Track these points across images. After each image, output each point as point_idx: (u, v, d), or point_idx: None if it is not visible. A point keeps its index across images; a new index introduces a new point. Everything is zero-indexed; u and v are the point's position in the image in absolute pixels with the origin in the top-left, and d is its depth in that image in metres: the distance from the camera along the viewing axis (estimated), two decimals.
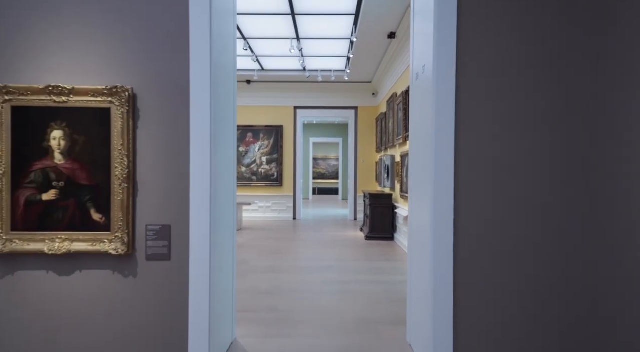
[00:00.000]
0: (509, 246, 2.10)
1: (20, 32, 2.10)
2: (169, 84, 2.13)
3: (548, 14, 2.08)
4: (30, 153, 2.10)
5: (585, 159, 2.07)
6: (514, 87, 2.09)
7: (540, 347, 2.09)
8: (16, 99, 2.06)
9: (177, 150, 2.15)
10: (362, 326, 2.94)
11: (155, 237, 2.15)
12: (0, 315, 2.10)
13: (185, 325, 2.15)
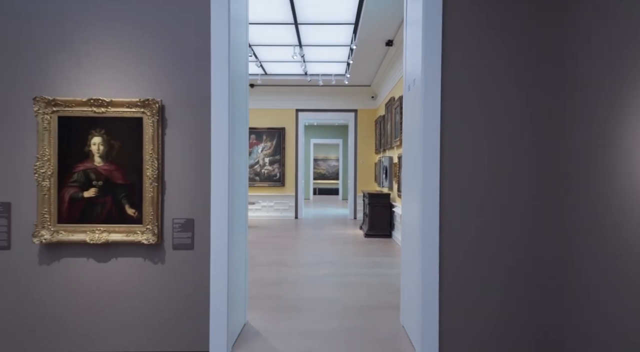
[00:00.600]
0: (487, 240, 2.43)
1: (66, 53, 2.43)
2: (192, 96, 2.47)
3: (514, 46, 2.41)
4: (74, 156, 2.43)
5: (557, 164, 2.40)
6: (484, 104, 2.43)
7: (511, 323, 2.42)
8: (62, 110, 2.40)
9: (199, 154, 2.49)
10: (361, 312, 3.27)
11: (181, 229, 2.49)
12: (48, 294, 2.44)
13: (206, 305, 2.48)
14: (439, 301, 2.45)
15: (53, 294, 2.44)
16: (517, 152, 2.43)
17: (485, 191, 2.44)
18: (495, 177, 2.43)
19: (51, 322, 2.44)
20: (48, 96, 2.39)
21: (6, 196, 2.42)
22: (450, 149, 2.44)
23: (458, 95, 2.43)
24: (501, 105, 2.43)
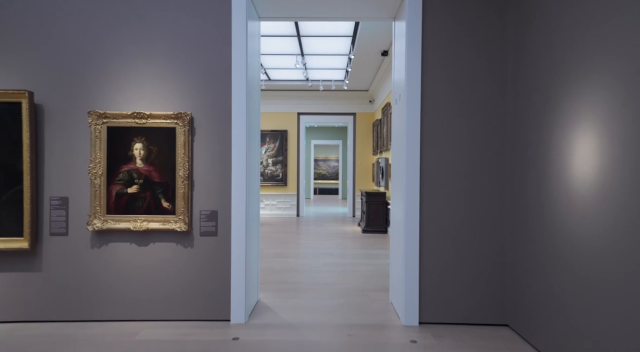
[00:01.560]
0: (454, 227, 2.97)
1: (114, 73, 2.96)
2: (216, 109, 3.00)
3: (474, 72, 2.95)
4: (120, 159, 2.97)
5: (501, 163, 2.94)
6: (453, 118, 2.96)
7: (474, 290, 2.96)
8: (110, 121, 2.93)
9: (221, 157, 3.02)
10: (356, 292, 3.80)
11: (206, 219, 3.02)
12: (100, 272, 2.97)
13: (228, 283, 3.01)
14: (419, 278, 2.99)
15: (104, 272, 2.98)
16: (477, 158, 2.96)
17: (453, 188, 2.97)
18: (460, 177, 2.97)
19: (103, 294, 2.98)
20: (99, 110, 2.93)
21: (65, 192, 2.96)
22: (428, 154, 2.97)
23: (434, 110, 2.97)
24: (466, 121, 2.97)
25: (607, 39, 1.95)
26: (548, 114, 2.47)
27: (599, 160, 2.00)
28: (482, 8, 2.96)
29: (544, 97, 2.52)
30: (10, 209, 2.88)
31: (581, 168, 2.14)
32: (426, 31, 2.97)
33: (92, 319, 2.97)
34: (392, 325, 3.00)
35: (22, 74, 2.92)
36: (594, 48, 2.05)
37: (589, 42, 2.09)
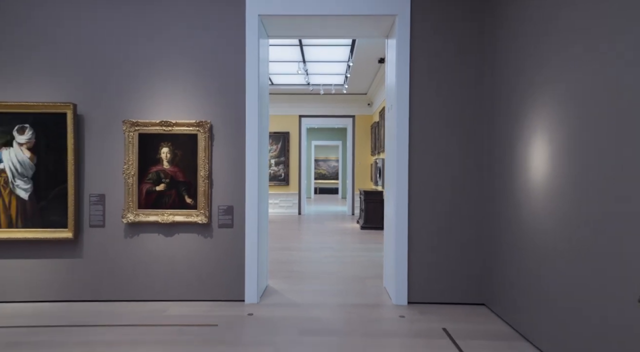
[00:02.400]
0: (438, 222, 3.44)
1: (144, 86, 3.43)
2: (231, 118, 3.47)
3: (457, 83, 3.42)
4: (149, 161, 3.44)
5: (480, 162, 3.41)
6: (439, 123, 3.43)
7: (457, 272, 3.43)
8: (141, 128, 3.41)
9: (236, 159, 3.49)
10: (354, 280, 4.27)
11: (224, 213, 3.49)
12: (133, 259, 3.45)
13: (242, 269, 3.48)
14: (407, 264, 3.46)
15: (135, 259, 3.45)
16: (459, 160, 3.43)
17: (437, 186, 3.44)
18: (444, 178, 3.44)
19: (135, 278, 3.45)
20: (132, 119, 3.40)
21: (102, 190, 3.43)
22: (415, 158, 3.44)
23: (422, 119, 3.44)
24: (448, 129, 3.44)
25: (550, 69, 2.42)
26: (513, 124, 2.94)
27: (548, 167, 2.47)
28: (465, 31, 3.43)
29: (510, 110, 2.99)
30: (57, 204, 3.36)
31: (534, 171, 2.62)
32: (413, 49, 3.44)
33: (126, 299, 3.44)
34: (384, 304, 3.48)
35: (67, 88, 3.39)
36: (542, 77, 2.52)
37: (538, 70, 2.55)
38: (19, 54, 3.38)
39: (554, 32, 2.43)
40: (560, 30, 2.36)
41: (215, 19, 3.45)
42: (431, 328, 2.93)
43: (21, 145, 3.33)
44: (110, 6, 3.42)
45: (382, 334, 2.85)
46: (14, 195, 3.35)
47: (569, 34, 2.27)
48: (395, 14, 3.43)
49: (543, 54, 2.53)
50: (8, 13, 3.37)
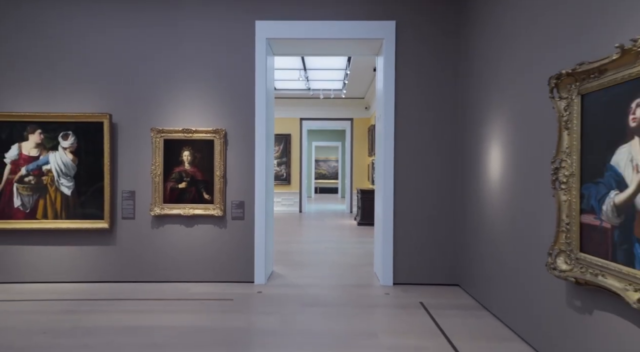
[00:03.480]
0: (419, 216, 4.03)
1: (170, 98, 4.03)
2: (243, 126, 4.06)
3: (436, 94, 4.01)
4: (172, 163, 4.03)
5: (455, 164, 3.99)
6: (420, 131, 4.03)
7: (438, 257, 4.02)
8: (166, 135, 4.00)
9: (247, 161, 4.08)
10: (349, 267, 4.85)
11: (236, 207, 4.08)
12: (159, 246, 4.04)
13: (252, 255, 4.07)
14: (392, 251, 4.05)
15: (161, 246, 4.05)
16: (438, 163, 4.03)
17: (418, 185, 4.04)
18: (425, 179, 4.04)
19: (161, 263, 4.04)
20: (158, 127, 3.99)
21: (132, 187, 4.03)
22: (399, 161, 4.03)
23: (404, 128, 4.03)
24: (427, 136, 4.03)
25: (504, 94, 3.01)
26: (478, 134, 3.53)
27: (499, 168, 3.06)
28: (442, 52, 4.02)
29: (475, 122, 3.58)
30: (94, 199, 3.95)
31: (492, 173, 3.21)
32: (398, 66, 4.02)
33: (153, 280, 4.04)
34: (373, 285, 4.07)
35: (103, 101, 3.99)
36: (498, 100, 3.10)
37: (496, 93, 3.14)
38: (63, 73, 3.97)
39: (504, 65, 3.02)
40: (508, 63, 2.94)
41: (231, 41, 4.04)
42: (410, 302, 3.52)
43: (65, 149, 3.93)
44: (140, 32, 4.01)
45: (369, 305, 3.45)
46: (58, 191, 3.95)
47: (512, 69, 2.86)
48: (382, 37, 4.02)
49: (500, 82, 3.12)
50: (52, 38, 3.96)
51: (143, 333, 2.78)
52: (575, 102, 2.04)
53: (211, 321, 3.04)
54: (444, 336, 2.77)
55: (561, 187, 2.13)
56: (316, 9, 4.02)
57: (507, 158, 2.96)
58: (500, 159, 3.08)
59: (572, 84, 2.05)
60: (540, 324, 2.47)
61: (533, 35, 2.61)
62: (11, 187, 3.92)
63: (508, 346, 2.62)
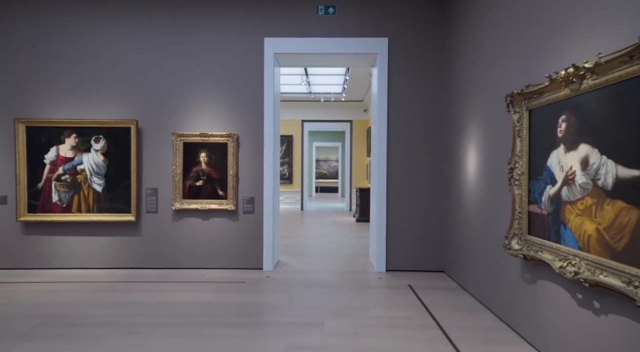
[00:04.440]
0: (409, 212, 4.56)
1: (188, 106, 4.56)
2: (253, 130, 4.59)
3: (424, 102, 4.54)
4: (191, 163, 4.56)
5: (440, 163, 4.52)
6: (410, 135, 4.55)
7: (418, 245, 4.55)
8: (185, 138, 4.53)
9: (257, 162, 4.61)
10: (347, 257, 5.38)
11: (247, 202, 4.61)
12: (179, 237, 4.57)
13: (261, 245, 4.60)
14: (385, 242, 4.58)
15: (180, 237, 4.58)
16: (425, 164, 4.55)
17: (408, 184, 4.56)
18: (414, 179, 4.56)
19: (180, 251, 4.57)
20: (179, 131, 4.52)
21: (155, 185, 4.55)
22: (392, 161, 4.56)
23: (395, 133, 4.56)
24: (416, 139, 4.56)
25: (477, 106, 3.53)
26: (458, 137, 4.06)
27: (475, 168, 3.59)
28: (429, 65, 4.54)
29: (455, 126, 4.10)
30: (122, 195, 4.49)
31: (468, 172, 3.73)
32: (390, 77, 4.55)
33: (173, 267, 4.57)
34: (368, 271, 4.60)
35: (130, 109, 4.52)
36: (472, 110, 3.63)
37: (470, 105, 3.67)
38: (95, 84, 4.50)
39: (475, 80, 3.54)
40: (478, 79, 3.47)
41: (242, 55, 4.56)
42: (399, 284, 4.05)
43: (97, 151, 4.46)
44: (162, 48, 4.54)
45: (364, 287, 3.98)
46: (91, 188, 4.48)
47: (481, 85, 3.38)
48: (377, 52, 4.55)
49: (472, 95, 3.65)
50: (86, 55, 4.49)
51: (172, 307, 3.31)
52: (524, 115, 2.57)
53: (228, 298, 3.57)
54: (425, 309, 3.30)
55: (515, 183, 2.66)
56: (318, 27, 4.55)
57: (479, 160, 3.49)
58: (474, 160, 3.60)
59: (522, 101, 2.58)
60: (503, 296, 3.00)
61: (495, 59, 3.13)
62: (50, 185, 4.45)
63: (477, 316, 3.15)
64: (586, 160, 1.98)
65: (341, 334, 2.80)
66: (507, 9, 2.97)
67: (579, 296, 2.10)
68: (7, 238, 4.48)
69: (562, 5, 2.27)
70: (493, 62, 3.20)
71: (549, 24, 2.40)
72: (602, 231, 1.87)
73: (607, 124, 1.84)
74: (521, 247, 2.59)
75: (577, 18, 2.13)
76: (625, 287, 1.67)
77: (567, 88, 2.09)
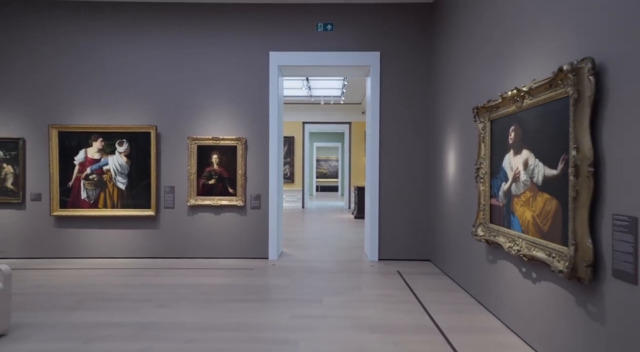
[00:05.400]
0: (399, 207, 5.11)
1: (202, 112, 5.11)
2: (259, 135, 5.14)
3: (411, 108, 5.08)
4: (204, 164, 5.11)
5: (426, 162, 5.06)
6: (400, 139, 5.10)
7: (407, 237, 5.10)
8: (199, 142, 5.08)
9: (263, 162, 5.16)
10: (345, 249, 5.93)
11: (254, 199, 5.16)
12: (192, 230, 5.13)
13: (266, 236, 5.15)
14: (378, 234, 5.12)
15: (194, 230, 5.14)
16: (412, 165, 5.10)
17: (398, 181, 5.11)
18: (402, 176, 5.11)
19: (194, 243, 5.13)
20: (193, 136, 5.08)
21: (172, 183, 5.11)
22: (383, 162, 5.11)
23: (387, 137, 5.11)
24: (405, 142, 5.10)
25: (453, 114, 4.07)
26: (440, 140, 4.60)
27: (453, 168, 4.13)
28: (417, 76, 5.09)
29: (438, 130, 4.65)
30: (143, 193, 5.04)
31: (448, 172, 4.28)
32: (382, 86, 5.10)
33: (188, 257, 5.12)
34: (363, 260, 5.15)
35: (150, 115, 5.07)
36: (450, 117, 4.17)
37: (449, 114, 4.20)
38: (118, 94, 5.06)
39: (453, 90, 4.08)
40: (454, 90, 4.01)
41: (250, 67, 5.11)
42: (389, 271, 4.60)
43: (120, 154, 5.02)
44: (177, 61, 5.08)
45: (358, 272, 4.53)
46: (115, 186, 5.03)
47: (456, 95, 3.92)
48: (370, 64, 5.09)
49: (450, 104, 4.19)
50: (109, 68, 5.05)
51: (192, 288, 3.86)
52: (487, 125, 3.11)
53: (239, 280, 4.13)
54: (409, 289, 3.85)
55: (480, 181, 3.21)
56: (317, 42, 5.09)
57: (455, 161, 4.03)
58: (452, 161, 4.15)
59: (485, 113, 3.12)
60: (473, 276, 3.55)
61: (467, 76, 3.68)
62: (79, 183, 5.01)
63: (452, 294, 3.70)
64: (526, 162, 2.52)
65: (337, 307, 3.35)
66: (473, 36, 3.52)
67: (523, 269, 2.64)
68: (42, 231, 5.05)
69: (512, 40, 2.81)
70: (466, 79, 3.75)
71: (504, 53, 2.94)
72: (535, 217, 2.41)
73: (538, 134, 2.39)
74: (484, 233, 3.13)
75: (524, 48, 2.67)
76: (547, 258, 2.22)
77: (514, 105, 2.64)
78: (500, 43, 3.02)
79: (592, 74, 1.88)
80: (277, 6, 5.07)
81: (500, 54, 3.01)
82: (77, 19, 5.04)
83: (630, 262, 1.69)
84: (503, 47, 2.97)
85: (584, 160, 1.92)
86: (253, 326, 2.93)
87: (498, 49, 3.06)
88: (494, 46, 3.14)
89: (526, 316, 2.60)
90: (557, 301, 2.26)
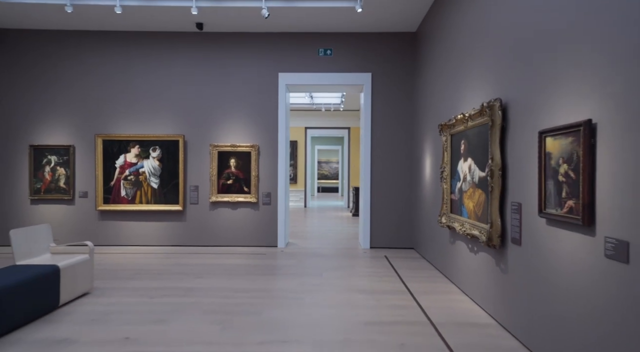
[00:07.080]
0: (388, 204, 6.06)
1: (220, 123, 6.08)
2: (270, 142, 6.10)
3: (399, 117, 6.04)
4: (223, 166, 6.08)
5: (410, 165, 6.02)
6: (388, 146, 6.05)
7: (395, 229, 6.05)
8: (219, 148, 6.05)
9: (272, 165, 6.12)
10: (342, 239, 6.88)
11: (265, 197, 6.13)
12: (213, 223, 6.10)
13: (275, 228, 6.11)
14: (370, 226, 6.08)
15: (215, 222, 6.11)
16: (399, 167, 6.06)
17: (387, 182, 6.07)
18: (390, 177, 6.07)
19: (215, 233, 6.09)
20: (215, 143, 6.05)
21: (196, 183, 6.07)
22: (375, 166, 6.07)
23: (377, 144, 6.07)
24: (393, 149, 6.06)
25: (428, 125, 5.02)
26: (420, 147, 5.56)
27: (429, 171, 5.09)
28: (403, 92, 6.05)
29: (419, 139, 5.60)
30: (172, 191, 6.01)
31: (426, 174, 5.23)
32: (373, 102, 6.06)
33: (210, 244, 6.08)
34: (357, 248, 6.10)
35: (179, 126, 6.05)
36: (426, 129, 5.12)
37: (427, 127, 5.16)
38: (152, 108, 6.04)
39: (428, 107, 5.04)
40: (428, 107, 4.97)
41: (262, 85, 6.08)
42: (378, 256, 5.56)
43: (154, 158, 5.99)
44: (201, 79, 6.06)
45: (352, 257, 5.48)
46: (149, 186, 6.01)
47: (430, 112, 4.88)
48: (363, 83, 6.06)
49: (428, 119, 5.15)
50: (142, 86, 6.03)
51: (218, 266, 4.82)
52: (448, 138, 4.07)
53: (255, 262, 5.09)
54: (392, 268, 4.81)
55: (444, 181, 4.17)
56: (319, 65, 6.06)
57: (430, 165, 4.99)
58: (428, 165, 5.11)
59: (447, 129, 4.08)
60: (441, 256, 4.50)
61: (438, 96, 4.64)
62: (119, 183, 5.98)
63: (426, 271, 4.65)
64: (470, 167, 3.48)
65: (334, 278, 4.31)
66: (443, 65, 4.48)
67: (469, 245, 3.60)
68: (89, 223, 6.02)
69: (464, 77, 3.77)
70: (436, 99, 4.72)
71: (459, 85, 3.91)
72: (474, 206, 3.37)
73: (476, 148, 3.35)
74: (446, 221, 4.09)
75: (469, 84, 3.63)
76: (479, 234, 3.18)
77: (462, 125, 3.60)
78: (458, 76, 3.99)
79: (501, 109, 2.84)
80: (286, 34, 6.05)
81: (456, 85, 3.98)
82: (127, 48, 6.02)
83: (517, 232, 2.65)
84: (458, 80, 3.94)
85: (496, 166, 2.88)
86: (271, 289, 3.89)
87: (456, 80, 4.02)
88: (453, 77, 4.11)
89: (470, 279, 3.56)
90: (486, 265, 3.22)
